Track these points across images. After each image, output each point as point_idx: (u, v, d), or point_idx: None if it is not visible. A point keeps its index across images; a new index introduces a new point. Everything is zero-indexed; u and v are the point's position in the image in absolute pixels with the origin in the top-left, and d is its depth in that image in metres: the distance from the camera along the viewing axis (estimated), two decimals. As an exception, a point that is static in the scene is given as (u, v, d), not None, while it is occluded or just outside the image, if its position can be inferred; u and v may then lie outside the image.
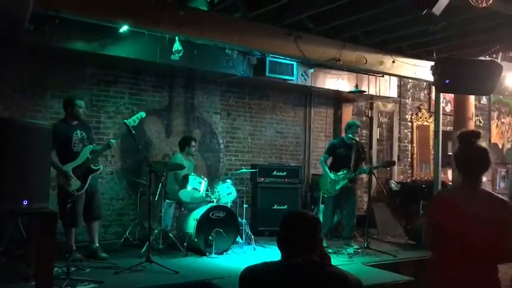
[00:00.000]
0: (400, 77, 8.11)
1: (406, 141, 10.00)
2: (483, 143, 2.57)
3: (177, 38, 5.85)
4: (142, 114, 5.52)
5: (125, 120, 5.38)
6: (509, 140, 11.77)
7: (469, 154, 2.53)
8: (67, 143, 5.24)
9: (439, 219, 2.49)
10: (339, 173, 6.57)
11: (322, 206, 7.12)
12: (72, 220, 5.14)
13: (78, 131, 5.36)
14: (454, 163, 2.57)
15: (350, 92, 8.09)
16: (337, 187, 6.55)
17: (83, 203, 5.30)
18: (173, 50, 5.90)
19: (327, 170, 6.67)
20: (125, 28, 5.33)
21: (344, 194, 6.62)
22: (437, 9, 4.29)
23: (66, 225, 5.10)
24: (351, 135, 6.65)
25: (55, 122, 6.08)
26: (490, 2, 3.74)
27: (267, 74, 7.01)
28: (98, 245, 5.47)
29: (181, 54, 5.97)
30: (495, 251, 2.34)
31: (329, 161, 6.84)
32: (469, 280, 2.34)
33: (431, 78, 6.66)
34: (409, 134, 10.05)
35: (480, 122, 11.04)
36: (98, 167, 5.45)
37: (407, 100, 10.01)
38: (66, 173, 5.14)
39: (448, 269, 2.42)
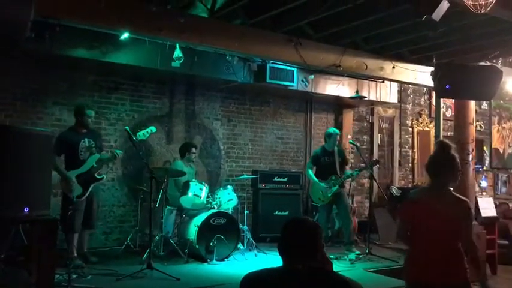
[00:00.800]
0: (400, 82, 8.11)
1: (407, 146, 10.00)
2: (453, 152, 3.00)
3: (177, 45, 5.88)
4: (153, 129, 5.57)
5: (126, 127, 5.39)
6: (510, 145, 11.76)
7: (439, 159, 2.99)
8: (74, 150, 5.35)
9: (411, 216, 2.99)
10: (328, 181, 6.62)
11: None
12: (71, 226, 5.18)
13: (86, 139, 5.44)
14: (426, 167, 3.04)
15: (350, 98, 8.10)
16: (329, 194, 6.61)
17: (83, 209, 5.36)
18: (174, 56, 5.92)
19: (315, 179, 6.74)
20: (125, 35, 5.34)
21: (335, 200, 6.69)
22: (437, 15, 4.31)
23: (65, 230, 5.12)
24: (351, 141, 6.76)
25: (57, 129, 6.14)
26: (489, 8, 3.75)
27: (268, 80, 7.03)
28: (86, 250, 5.58)
29: (182, 61, 5.99)
30: (457, 239, 2.92)
31: (313, 170, 6.89)
32: (439, 259, 2.87)
33: (431, 83, 6.67)
34: (410, 139, 10.05)
35: (481, 127, 11.04)
36: (101, 177, 5.52)
37: (407, 105, 10.02)
38: (69, 179, 5.21)
39: (423, 253, 2.92)
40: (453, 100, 8.34)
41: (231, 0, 5.17)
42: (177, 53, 5.92)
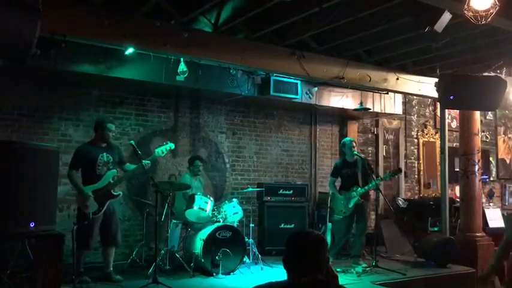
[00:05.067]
0: (404, 93, 8.13)
1: (412, 157, 9.96)
2: None
3: (182, 59, 5.92)
4: (172, 145, 5.56)
5: (132, 142, 5.41)
6: (517, 154, 11.69)
7: None
8: (92, 164, 5.22)
9: None
10: (349, 192, 6.59)
11: (329, 225, 7.08)
12: (84, 242, 5.08)
13: (105, 154, 5.32)
14: None
15: (355, 110, 8.11)
16: (350, 205, 6.55)
17: (98, 227, 5.22)
18: (178, 71, 5.97)
19: (335, 190, 6.71)
20: (130, 50, 5.41)
21: (356, 212, 6.62)
22: (439, 26, 4.34)
23: (78, 246, 5.08)
24: (355, 153, 6.70)
25: (63, 144, 6.17)
26: (489, 19, 3.76)
27: (272, 93, 7.05)
28: (112, 269, 5.42)
29: (186, 75, 6.04)
30: None
31: (338, 182, 6.84)
32: None
33: (435, 94, 6.68)
34: (416, 150, 10.02)
35: (487, 137, 11.00)
36: (118, 193, 5.38)
37: (412, 117, 10.00)
38: (85, 195, 5.11)
39: None
40: (458, 111, 8.32)
41: (234, 15, 5.22)
42: (182, 67, 5.97)
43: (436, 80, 6.64)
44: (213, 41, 5.46)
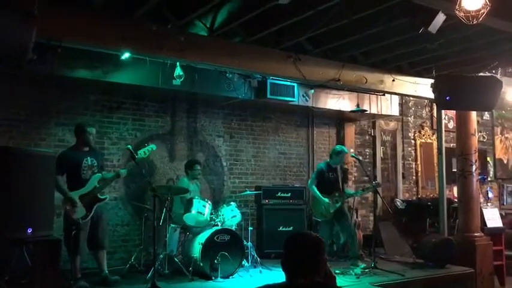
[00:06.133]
0: (400, 95, 8.14)
1: (410, 159, 9.98)
2: None
3: (178, 64, 5.93)
4: (153, 147, 5.60)
5: (128, 146, 5.42)
6: (514, 155, 11.72)
7: None
8: (76, 169, 5.24)
9: None
10: (331, 197, 6.67)
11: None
12: (75, 248, 5.08)
13: (89, 158, 5.35)
14: None
15: (351, 112, 8.12)
16: (332, 210, 6.63)
17: (87, 231, 5.24)
18: (174, 75, 5.98)
19: (319, 194, 6.74)
20: (126, 55, 5.41)
21: (337, 216, 6.71)
22: (433, 28, 4.36)
23: (69, 252, 5.08)
24: (353, 155, 6.80)
25: (59, 149, 6.16)
26: (480, 19, 3.77)
27: (268, 96, 7.06)
28: (107, 271, 5.43)
29: (182, 79, 6.04)
30: None
31: (315, 184, 6.88)
32: None
33: (432, 95, 6.69)
34: (413, 151, 10.04)
35: (484, 137, 11.02)
36: (105, 197, 5.41)
37: (409, 118, 10.03)
38: (72, 200, 5.12)
39: None
40: (455, 111, 8.35)
41: (230, 18, 5.22)
42: (178, 71, 5.97)
43: (432, 81, 6.66)
44: (209, 45, 5.47)
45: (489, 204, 8.90)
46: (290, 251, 2.12)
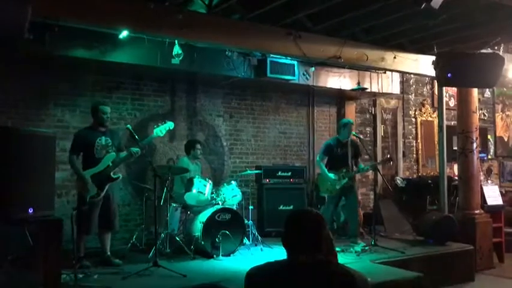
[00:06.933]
0: (402, 72, 8.09)
1: (410, 137, 9.96)
2: None
3: (176, 42, 5.86)
4: (171, 125, 5.55)
5: (128, 126, 5.39)
6: (515, 132, 11.70)
7: None
8: (90, 148, 5.25)
9: None
10: (338, 173, 6.56)
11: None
12: (85, 227, 5.12)
13: (103, 138, 5.34)
14: None
15: (352, 90, 8.08)
16: (338, 187, 6.53)
17: (98, 210, 5.26)
18: (173, 53, 5.91)
19: (326, 170, 6.63)
20: (124, 34, 5.34)
21: (345, 193, 6.62)
22: (436, 3, 4.28)
23: (79, 231, 5.11)
24: (354, 133, 6.71)
25: (58, 130, 6.16)
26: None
27: (268, 74, 6.99)
28: (109, 253, 5.45)
29: (181, 57, 5.97)
30: None
31: (324, 160, 6.82)
32: None
33: (433, 72, 6.63)
34: (414, 129, 10.01)
35: (484, 115, 10.99)
36: (117, 176, 5.38)
37: (410, 96, 9.98)
38: (83, 179, 5.14)
39: None
40: (456, 89, 8.30)
41: (228, -5, 5.15)
42: (176, 50, 5.90)
43: (434, 58, 6.59)
44: (208, 23, 5.40)
45: (489, 181, 8.92)
46: (290, 228, 2.11)
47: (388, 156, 7.63)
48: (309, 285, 1.96)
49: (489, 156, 10.96)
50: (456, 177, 8.01)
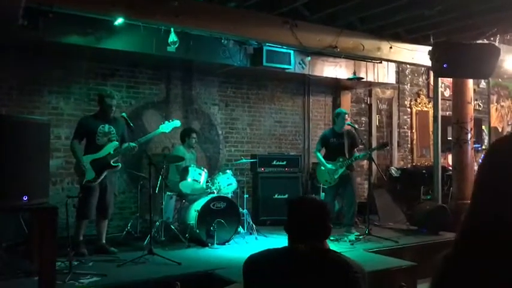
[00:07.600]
0: (397, 62, 8.08)
1: (405, 127, 9.98)
2: None
3: (172, 29, 5.82)
4: (178, 123, 5.59)
5: (123, 114, 5.37)
6: (509, 123, 11.75)
7: None
8: (91, 135, 5.32)
9: None
10: (335, 162, 6.58)
11: (323, 195, 7.13)
12: (82, 211, 5.14)
13: (106, 126, 5.36)
14: None
15: (348, 79, 8.06)
16: (336, 176, 6.55)
17: (96, 196, 5.30)
18: (169, 41, 5.87)
19: (323, 160, 6.66)
20: (119, 21, 5.30)
21: (343, 182, 6.63)
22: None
23: (78, 216, 5.15)
24: (349, 123, 6.72)
25: (53, 117, 6.14)
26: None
27: (264, 63, 6.96)
28: (104, 241, 5.47)
29: (177, 45, 5.93)
30: None
31: (322, 151, 6.84)
32: None
33: (429, 63, 6.64)
34: (409, 119, 10.03)
35: (479, 106, 11.01)
36: (117, 164, 5.39)
37: (405, 86, 9.98)
38: (81, 163, 5.18)
39: None
40: (451, 79, 8.30)
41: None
42: (172, 37, 5.86)
43: (430, 48, 6.59)
44: (204, 10, 5.37)
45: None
46: (293, 214, 2.10)
47: (385, 141, 7.63)
48: (307, 273, 1.96)
49: (483, 147, 10.99)
50: (450, 168, 8.05)
